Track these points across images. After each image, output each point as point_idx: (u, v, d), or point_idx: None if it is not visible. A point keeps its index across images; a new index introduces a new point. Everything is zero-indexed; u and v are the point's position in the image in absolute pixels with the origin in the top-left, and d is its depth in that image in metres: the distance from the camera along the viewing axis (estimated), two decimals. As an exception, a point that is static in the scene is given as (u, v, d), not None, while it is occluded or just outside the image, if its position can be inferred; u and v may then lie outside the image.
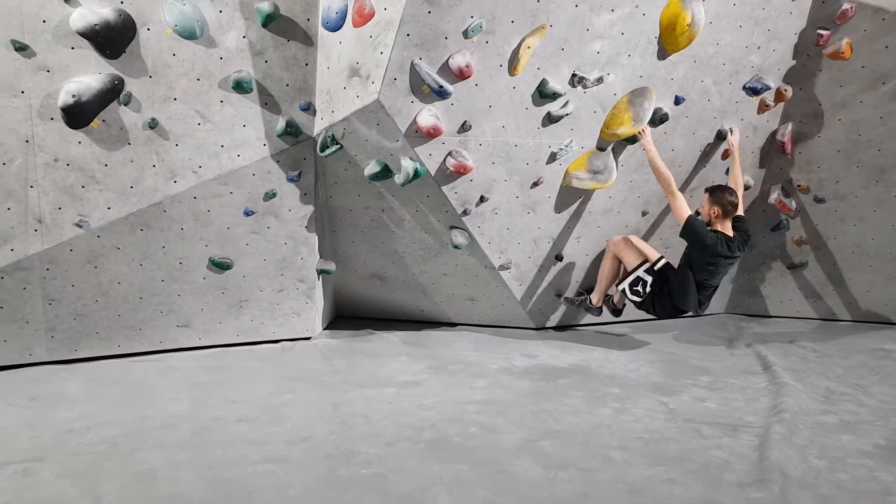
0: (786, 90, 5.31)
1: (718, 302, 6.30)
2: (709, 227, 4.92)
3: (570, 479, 3.23)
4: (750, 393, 4.41)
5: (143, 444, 3.56)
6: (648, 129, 4.97)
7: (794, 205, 5.81)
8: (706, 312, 6.26)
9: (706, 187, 5.05)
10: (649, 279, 5.14)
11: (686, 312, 5.23)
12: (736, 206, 4.93)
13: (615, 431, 3.77)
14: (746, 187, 5.67)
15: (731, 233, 4.94)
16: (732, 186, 5.07)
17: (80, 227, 4.44)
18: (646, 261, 5.20)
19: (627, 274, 5.25)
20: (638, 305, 5.30)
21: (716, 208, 4.90)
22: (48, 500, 3.03)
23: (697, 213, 5.02)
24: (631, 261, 5.24)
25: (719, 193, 4.92)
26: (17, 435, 3.66)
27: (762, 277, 6.23)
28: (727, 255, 4.87)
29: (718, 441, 3.65)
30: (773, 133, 5.58)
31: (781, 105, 5.43)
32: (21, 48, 3.99)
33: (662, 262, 5.19)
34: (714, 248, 4.81)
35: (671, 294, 5.07)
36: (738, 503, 3.03)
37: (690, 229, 4.86)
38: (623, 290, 5.28)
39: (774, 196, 5.79)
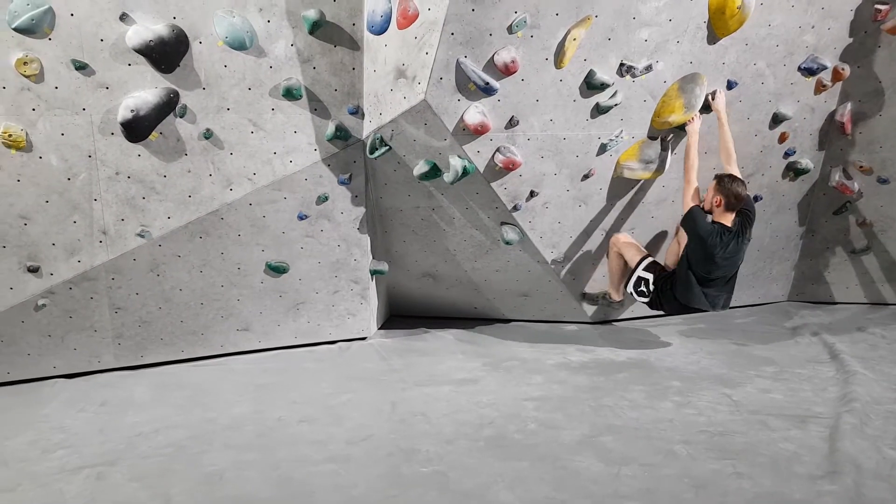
0: (843, 69, 5.14)
1: (780, 290, 6.15)
2: (709, 218, 4.72)
3: (634, 475, 3.19)
4: (818, 383, 4.28)
5: (210, 446, 3.65)
6: (699, 119, 4.87)
7: (856, 187, 5.62)
8: (762, 301, 6.14)
9: (716, 174, 4.79)
10: (650, 276, 5.00)
11: (694, 309, 5.00)
12: (741, 199, 4.65)
13: (678, 425, 3.71)
14: (805, 171, 5.51)
15: (729, 223, 4.69)
16: (724, 157, 4.85)
17: (143, 236, 4.58)
18: (645, 257, 5.08)
19: (631, 274, 5.12)
20: (648, 305, 5.17)
21: (719, 198, 4.64)
22: (122, 502, 3.13)
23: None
24: (631, 258, 5.11)
25: (727, 183, 4.63)
26: (90, 440, 3.79)
27: (826, 263, 6.04)
28: (723, 244, 4.64)
29: (786, 433, 3.56)
30: (832, 114, 5.40)
31: (839, 85, 5.26)
32: (81, 67, 4.13)
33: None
34: (708, 240, 4.62)
35: (674, 289, 4.90)
36: (810, 496, 2.95)
37: (689, 219, 4.70)
38: (630, 293, 5.18)
39: (836, 178, 5.62)
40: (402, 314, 6.10)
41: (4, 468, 3.48)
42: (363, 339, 5.47)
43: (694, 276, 4.78)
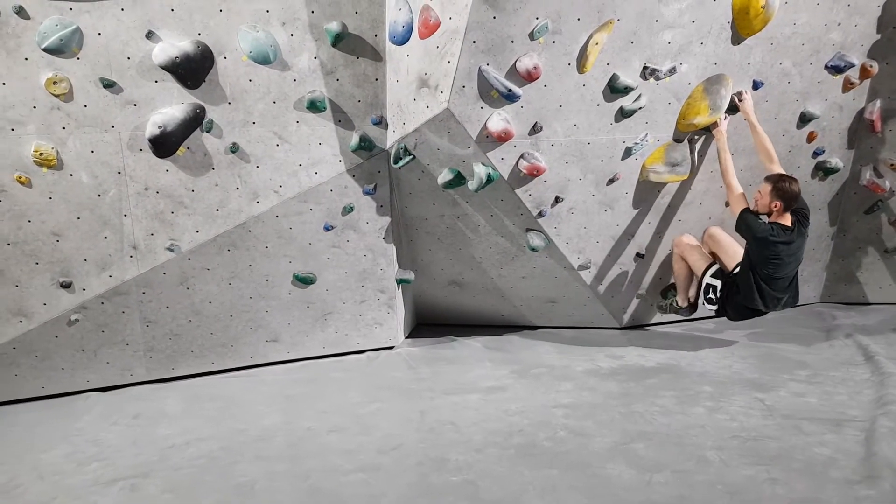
0: (871, 66, 5.07)
1: (812, 291, 6.05)
2: (764, 218, 4.68)
3: (666, 482, 3.15)
4: (852, 385, 4.20)
5: (241, 457, 3.68)
6: (725, 122, 4.81)
7: (887, 185, 5.53)
8: (800, 304, 6.04)
9: (767, 176, 4.71)
10: (718, 283, 4.93)
11: (760, 312, 4.88)
12: (797, 198, 4.60)
13: (710, 431, 3.66)
14: (835, 170, 5.43)
15: (788, 222, 4.65)
16: (764, 158, 4.81)
17: (172, 250, 4.64)
18: (712, 263, 5.00)
19: (699, 281, 5.05)
20: (716, 313, 5.11)
21: (778, 202, 4.58)
22: (156, 513, 3.17)
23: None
24: (697, 265, 5.04)
25: (785, 185, 4.56)
26: (123, 452, 3.84)
27: (858, 263, 5.94)
28: (785, 241, 4.60)
29: (821, 437, 3.50)
30: (861, 112, 5.32)
31: (867, 82, 5.18)
32: (109, 85, 4.21)
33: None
34: (768, 240, 4.57)
35: (740, 294, 4.83)
36: (847, 502, 2.90)
37: (743, 225, 4.66)
38: (699, 302, 5.12)
39: (866, 177, 5.53)
40: (428, 322, 6.10)
41: (40, 481, 3.54)
42: (391, 348, 5.48)
43: (759, 278, 4.72)
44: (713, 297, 4.97)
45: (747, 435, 3.58)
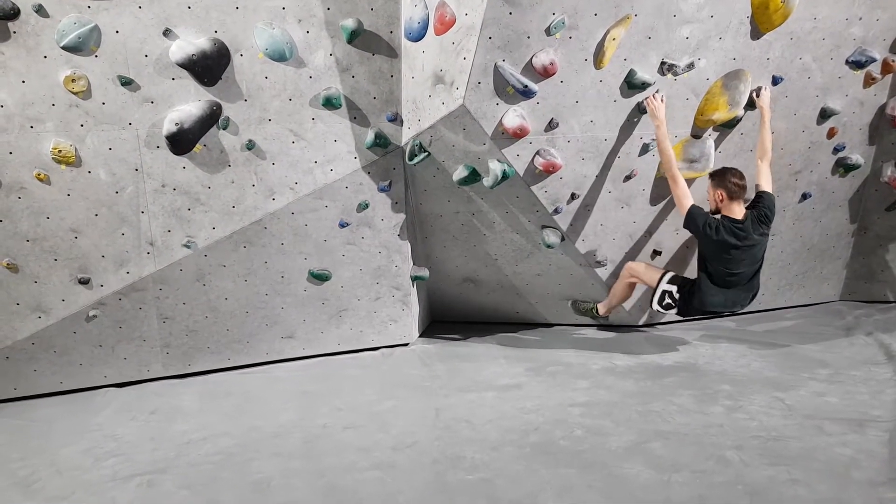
0: (893, 61, 4.99)
1: (832, 289, 5.98)
2: (716, 214, 4.66)
3: (685, 482, 3.12)
4: (874, 385, 4.14)
5: (257, 454, 3.68)
6: (657, 103, 4.53)
7: (910, 182, 5.45)
8: (812, 301, 5.98)
9: (709, 172, 4.75)
10: (674, 288, 4.89)
11: (715, 313, 4.84)
12: (742, 188, 4.60)
13: (729, 431, 3.62)
14: (855, 167, 5.36)
15: (739, 215, 4.62)
16: (759, 154, 4.78)
17: (189, 247, 4.66)
18: (665, 272, 4.97)
19: (653, 291, 4.99)
20: (678, 314, 5.05)
21: (720, 192, 4.63)
22: (173, 510, 3.18)
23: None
24: (652, 279, 5.00)
25: (721, 175, 4.64)
26: (140, 448, 3.86)
27: (879, 261, 5.86)
28: (734, 242, 4.55)
29: (843, 437, 3.45)
30: (882, 107, 5.24)
31: (889, 77, 5.10)
32: (127, 83, 4.22)
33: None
34: (716, 235, 4.55)
35: (696, 295, 4.79)
36: (870, 504, 2.86)
37: (690, 220, 4.64)
38: (657, 311, 5.06)
39: (888, 174, 5.44)
40: (443, 320, 6.09)
41: (59, 476, 3.56)
42: (405, 345, 5.47)
43: (712, 279, 4.70)
44: (670, 301, 4.93)
45: (767, 435, 3.54)
